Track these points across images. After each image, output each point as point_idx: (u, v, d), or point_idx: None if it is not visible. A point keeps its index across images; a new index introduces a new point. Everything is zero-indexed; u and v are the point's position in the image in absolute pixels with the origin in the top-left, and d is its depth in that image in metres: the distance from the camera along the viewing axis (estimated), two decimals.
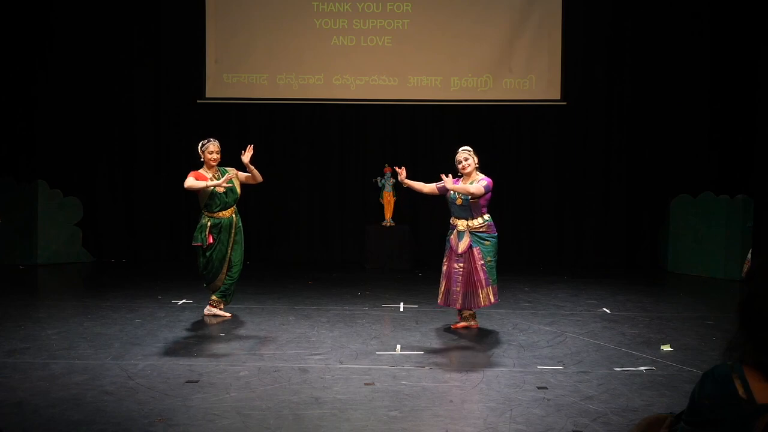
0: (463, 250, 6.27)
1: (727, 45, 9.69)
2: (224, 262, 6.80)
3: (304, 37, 10.68)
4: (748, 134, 9.24)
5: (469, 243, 6.27)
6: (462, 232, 6.30)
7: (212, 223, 6.72)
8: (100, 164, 10.74)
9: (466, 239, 6.28)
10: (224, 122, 10.59)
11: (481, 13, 10.63)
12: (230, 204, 6.80)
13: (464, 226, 6.30)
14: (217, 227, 6.73)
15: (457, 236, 6.33)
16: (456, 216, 6.37)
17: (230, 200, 6.79)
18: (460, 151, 6.37)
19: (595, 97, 10.73)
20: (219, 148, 6.76)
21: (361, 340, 6.08)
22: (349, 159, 10.98)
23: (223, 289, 6.89)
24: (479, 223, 6.31)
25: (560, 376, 5.07)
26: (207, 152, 6.70)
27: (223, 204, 6.75)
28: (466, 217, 6.31)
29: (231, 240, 6.81)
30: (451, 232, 6.39)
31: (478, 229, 6.30)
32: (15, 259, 10.07)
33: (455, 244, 6.32)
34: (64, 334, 6.17)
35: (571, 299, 8.06)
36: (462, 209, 6.30)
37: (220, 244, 6.75)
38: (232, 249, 6.82)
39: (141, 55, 10.71)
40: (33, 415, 4.22)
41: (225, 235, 6.77)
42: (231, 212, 6.81)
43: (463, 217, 6.32)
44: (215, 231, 6.73)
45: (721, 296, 8.45)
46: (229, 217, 6.79)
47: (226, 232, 6.77)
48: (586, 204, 10.81)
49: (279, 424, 4.10)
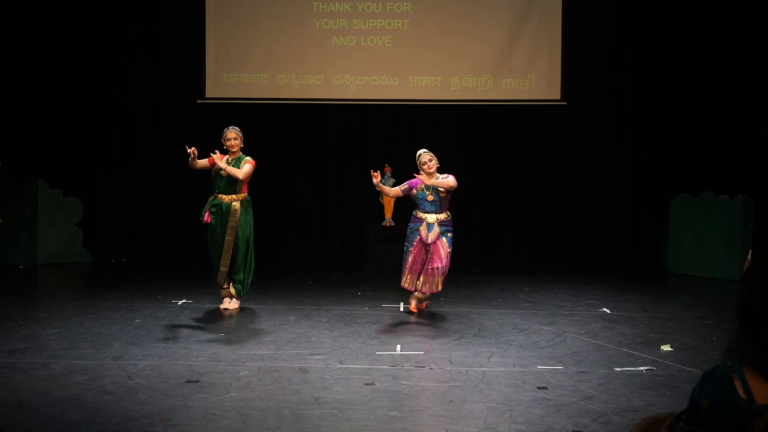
0: (432, 240, 6.96)
1: (728, 45, 9.68)
2: (221, 250, 6.99)
3: (304, 37, 10.68)
4: (748, 134, 9.25)
5: (438, 233, 6.97)
6: (431, 224, 7.00)
7: (214, 202, 7.06)
8: (100, 164, 10.73)
9: (435, 230, 6.98)
10: (224, 122, 10.48)
11: (481, 13, 10.62)
12: (225, 190, 7.02)
13: (434, 219, 7.01)
14: (216, 208, 7.03)
15: (426, 228, 6.99)
16: (425, 210, 7.04)
17: (223, 185, 7.01)
18: (425, 153, 7.07)
19: (595, 97, 10.73)
20: (237, 134, 7.15)
21: (361, 340, 6.08)
22: (349, 159, 10.97)
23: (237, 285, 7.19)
24: (445, 216, 7.07)
25: (560, 376, 5.07)
26: (224, 139, 7.16)
27: (220, 188, 7.05)
28: (435, 211, 7.02)
29: (227, 227, 6.99)
30: (418, 225, 7.02)
31: (444, 222, 7.05)
32: (15, 259, 10.07)
33: (425, 235, 6.98)
34: (64, 334, 6.17)
35: (571, 299, 8.06)
36: (433, 204, 7.02)
37: (218, 227, 7.02)
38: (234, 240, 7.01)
39: (141, 55, 10.71)
40: (33, 415, 4.22)
41: (220, 219, 7.00)
42: (230, 199, 7.02)
43: (432, 211, 7.02)
44: (214, 210, 7.04)
45: (721, 296, 8.44)
46: (228, 203, 7.01)
47: (223, 217, 7.00)
48: (586, 204, 10.81)
49: (279, 424, 4.10)
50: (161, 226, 10.83)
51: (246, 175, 7.00)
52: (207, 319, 6.90)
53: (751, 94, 9.16)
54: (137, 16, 10.63)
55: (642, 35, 10.47)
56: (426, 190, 7.02)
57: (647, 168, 10.59)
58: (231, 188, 7.03)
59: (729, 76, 9.70)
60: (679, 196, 10.16)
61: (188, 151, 6.92)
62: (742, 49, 9.44)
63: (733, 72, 9.62)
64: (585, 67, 10.67)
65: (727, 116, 9.73)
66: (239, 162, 7.05)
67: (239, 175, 6.95)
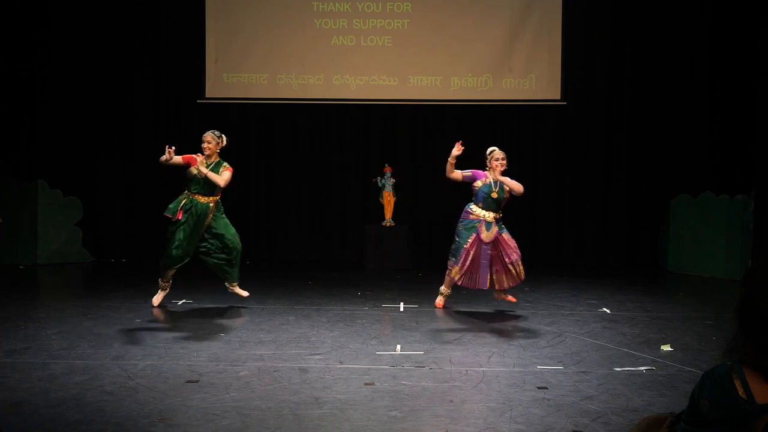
0: (491, 239, 6.91)
1: (728, 45, 9.68)
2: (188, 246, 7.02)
3: (304, 37, 10.68)
4: (748, 134, 9.25)
5: (496, 231, 6.94)
6: (490, 223, 6.94)
7: (189, 202, 7.03)
8: (100, 164, 10.73)
9: (494, 228, 6.93)
10: (224, 122, 10.56)
11: (481, 13, 10.62)
12: (202, 192, 7.02)
13: (491, 217, 6.95)
14: (191, 207, 7.01)
15: (485, 226, 6.93)
16: (486, 208, 6.96)
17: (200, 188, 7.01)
18: (499, 150, 7.03)
19: (595, 97, 10.73)
20: (212, 138, 7.09)
21: (361, 340, 6.08)
22: (349, 159, 10.97)
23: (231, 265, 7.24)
24: (501, 214, 7.07)
25: (560, 376, 5.07)
26: (203, 141, 7.13)
27: (197, 189, 7.02)
28: (495, 210, 6.97)
29: (202, 229, 7.05)
30: (475, 223, 6.93)
31: (499, 219, 7.03)
32: (15, 259, 10.08)
33: (484, 235, 6.91)
34: (64, 334, 6.17)
35: (571, 299, 8.06)
36: (494, 201, 6.95)
37: (186, 224, 7.00)
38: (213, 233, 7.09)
39: (141, 55, 10.71)
40: (33, 415, 4.22)
41: (193, 218, 7.00)
42: (206, 200, 7.04)
43: (491, 209, 6.96)
44: (188, 208, 7.02)
45: (721, 296, 8.44)
46: (204, 203, 7.03)
47: (197, 216, 7.01)
48: (586, 204, 10.80)
49: (279, 424, 4.10)
50: (161, 226, 10.78)
51: (226, 182, 7.01)
52: (207, 319, 6.90)
53: (751, 94, 9.16)
54: (137, 16, 10.62)
55: (642, 35, 10.47)
56: (493, 186, 6.93)
57: (647, 168, 10.58)
58: (209, 191, 7.04)
59: (729, 76, 9.70)
60: (679, 196, 10.16)
61: (166, 150, 6.86)
62: (742, 49, 9.44)
63: (733, 71, 9.63)
64: (585, 67, 10.67)
65: (727, 116, 9.74)
66: (218, 167, 7.04)
67: (220, 182, 6.95)
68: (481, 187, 6.98)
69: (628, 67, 10.60)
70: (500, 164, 6.95)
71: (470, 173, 7.02)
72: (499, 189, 6.93)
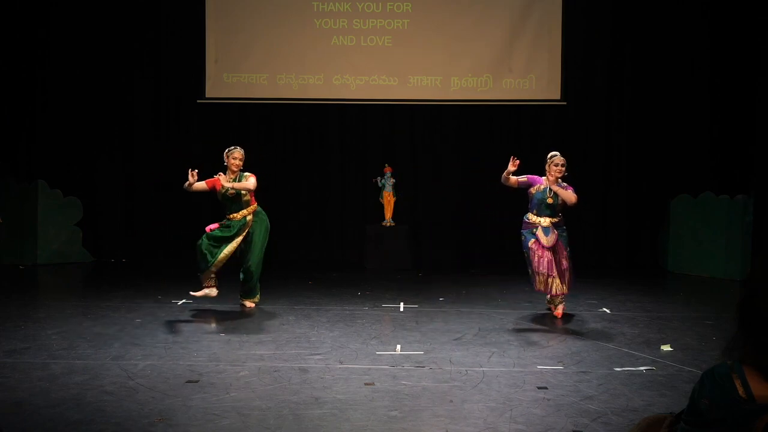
0: (552, 243, 6.84)
1: (728, 45, 9.68)
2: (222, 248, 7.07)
3: (304, 37, 10.67)
4: (748, 134, 9.25)
5: (556, 236, 6.86)
6: (547, 228, 6.87)
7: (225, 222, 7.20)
8: (100, 164, 10.73)
9: (552, 233, 6.86)
10: (224, 122, 10.60)
11: (481, 13, 10.62)
12: (234, 209, 7.13)
13: (548, 222, 6.88)
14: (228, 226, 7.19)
15: (543, 231, 6.86)
16: (539, 214, 6.90)
17: (232, 206, 7.13)
18: (559, 156, 6.89)
19: (595, 97, 10.72)
20: (242, 155, 7.15)
21: (361, 340, 6.08)
22: (349, 159, 10.97)
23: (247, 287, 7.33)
24: (559, 218, 6.95)
25: (560, 376, 5.07)
26: (231, 157, 7.13)
27: (230, 209, 7.14)
28: (550, 215, 6.89)
29: (241, 236, 7.14)
30: (532, 229, 6.88)
31: (558, 224, 6.93)
32: (15, 259, 10.07)
33: (544, 240, 6.84)
34: (64, 334, 6.17)
35: (571, 299, 8.05)
36: (549, 207, 6.87)
37: (225, 228, 7.13)
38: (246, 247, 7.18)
39: (141, 55, 10.71)
40: (33, 415, 4.22)
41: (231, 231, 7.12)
42: (241, 215, 7.14)
43: (547, 215, 6.88)
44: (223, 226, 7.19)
45: (721, 296, 8.44)
46: (240, 219, 7.14)
47: (236, 229, 7.14)
48: (586, 204, 10.77)
49: (279, 424, 4.10)
50: (161, 226, 10.82)
51: (254, 185, 7.06)
52: (207, 319, 6.90)
53: (751, 94, 9.16)
54: (137, 16, 10.62)
55: (642, 35, 10.47)
56: (547, 192, 6.84)
57: (647, 168, 10.58)
58: (238, 205, 7.13)
59: (729, 76, 9.70)
60: (679, 196, 10.16)
61: (189, 174, 6.89)
62: (742, 49, 9.44)
63: (733, 71, 9.62)
64: (585, 67, 10.66)
65: (727, 116, 9.73)
66: (241, 179, 7.11)
67: (249, 186, 7.01)
68: (534, 194, 6.92)
69: (628, 67, 10.60)
70: (558, 170, 6.81)
71: (525, 179, 6.95)
72: (553, 195, 6.82)
